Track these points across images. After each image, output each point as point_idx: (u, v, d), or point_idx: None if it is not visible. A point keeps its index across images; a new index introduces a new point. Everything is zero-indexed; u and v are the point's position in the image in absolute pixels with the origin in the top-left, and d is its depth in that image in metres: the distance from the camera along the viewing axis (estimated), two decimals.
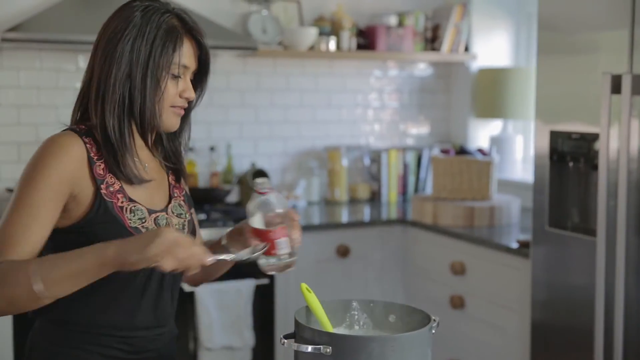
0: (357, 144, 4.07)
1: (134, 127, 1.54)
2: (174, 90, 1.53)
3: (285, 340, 1.36)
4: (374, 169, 4.04)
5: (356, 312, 1.53)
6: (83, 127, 1.53)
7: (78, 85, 3.55)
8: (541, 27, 2.58)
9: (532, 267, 2.67)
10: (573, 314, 2.52)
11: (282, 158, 3.93)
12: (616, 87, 2.25)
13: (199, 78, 1.61)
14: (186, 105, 1.58)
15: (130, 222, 1.51)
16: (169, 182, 1.65)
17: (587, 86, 2.40)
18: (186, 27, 1.54)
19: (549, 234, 2.58)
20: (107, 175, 1.51)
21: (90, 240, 1.43)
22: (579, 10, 2.45)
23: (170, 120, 1.56)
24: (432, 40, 4.06)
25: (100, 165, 1.51)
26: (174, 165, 1.66)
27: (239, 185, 3.74)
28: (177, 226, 1.60)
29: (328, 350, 1.30)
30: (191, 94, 1.56)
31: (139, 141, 1.56)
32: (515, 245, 2.88)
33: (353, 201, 3.98)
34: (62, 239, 1.48)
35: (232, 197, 3.71)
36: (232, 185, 3.71)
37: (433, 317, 1.45)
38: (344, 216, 3.66)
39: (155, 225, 1.55)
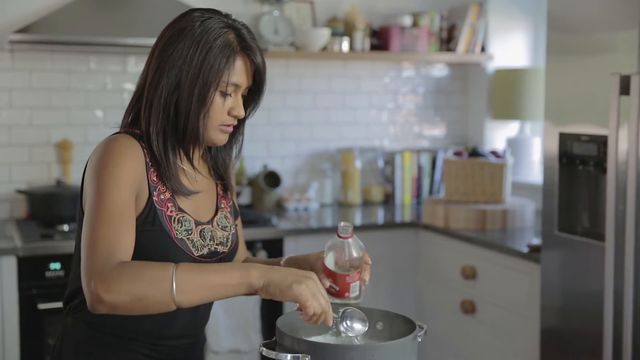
0: (371, 146, 4.03)
1: (177, 139, 1.51)
2: (222, 108, 1.50)
3: (264, 349, 1.33)
4: (387, 171, 4.00)
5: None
6: (138, 131, 1.51)
7: (90, 86, 3.58)
8: (550, 27, 2.52)
9: (541, 272, 2.61)
10: (583, 320, 2.45)
11: (295, 160, 3.90)
12: (625, 88, 2.19)
13: (254, 93, 1.58)
14: (235, 122, 1.54)
15: (177, 233, 1.49)
16: (217, 192, 1.63)
17: (597, 87, 2.34)
18: (243, 44, 1.50)
19: (558, 238, 2.52)
20: (160, 182, 1.50)
21: (139, 244, 1.42)
22: (589, 10, 2.39)
23: (217, 137, 1.52)
24: (447, 41, 4.01)
25: (153, 172, 1.49)
26: (221, 176, 1.64)
27: (250, 187, 3.72)
28: (221, 239, 1.58)
29: (307, 359, 1.27)
30: (240, 112, 1.52)
31: (183, 152, 1.55)
32: (525, 250, 2.82)
33: (366, 204, 3.94)
34: None
35: (244, 199, 3.69)
36: (242, 187, 3.69)
37: (420, 325, 1.41)
38: (357, 219, 3.62)
39: (201, 238, 1.53)
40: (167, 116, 1.48)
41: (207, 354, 3.08)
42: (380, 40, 3.85)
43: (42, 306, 2.83)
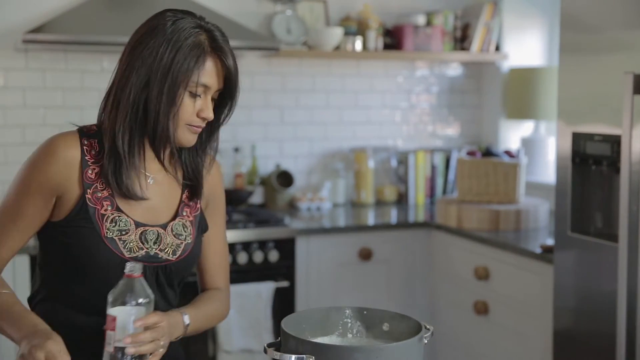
0: (384, 146, 4.02)
1: (145, 139, 1.49)
2: (192, 109, 1.47)
3: (269, 349, 1.32)
4: (401, 170, 3.98)
5: (349, 320, 1.49)
6: (94, 128, 1.51)
7: (103, 86, 3.59)
8: (564, 26, 2.50)
9: (554, 273, 2.59)
10: (596, 321, 2.43)
11: (308, 159, 3.89)
12: (639, 87, 2.16)
13: (226, 98, 1.55)
14: (203, 124, 1.51)
15: (107, 232, 1.48)
16: (181, 198, 1.59)
17: (610, 86, 2.32)
18: (214, 45, 1.48)
19: (571, 239, 2.49)
20: (98, 180, 1.49)
21: (69, 241, 1.43)
22: (602, 9, 2.36)
23: (185, 137, 1.50)
24: (461, 40, 3.98)
25: (94, 169, 1.49)
26: (191, 182, 1.59)
27: (263, 186, 3.72)
28: (170, 246, 1.54)
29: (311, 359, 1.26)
30: (209, 114, 1.49)
31: (149, 153, 1.52)
32: (538, 251, 2.80)
33: (379, 203, 3.92)
34: (49, 234, 1.50)
35: (256, 199, 3.69)
36: (255, 186, 3.69)
37: (426, 327, 1.40)
38: (370, 218, 3.61)
39: (140, 240, 1.50)
40: (136, 115, 1.46)
41: (218, 354, 3.08)
42: (393, 39, 3.83)
43: None
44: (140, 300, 1.34)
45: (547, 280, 2.71)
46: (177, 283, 1.61)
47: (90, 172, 1.48)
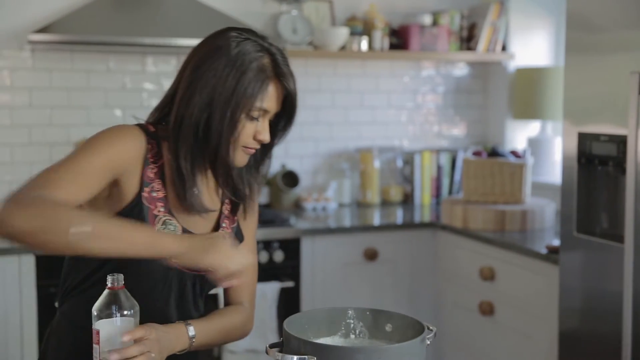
0: (390, 146, 4.01)
1: (207, 160, 1.51)
2: (250, 131, 1.49)
3: (270, 350, 1.32)
4: (406, 171, 3.98)
5: (352, 321, 1.49)
6: (154, 130, 1.52)
7: (109, 86, 3.60)
8: (569, 25, 2.49)
9: (560, 274, 2.58)
10: (601, 322, 2.42)
11: (313, 159, 3.89)
12: None
13: (283, 120, 1.56)
14: (258, 146, 1.53)
15: None
16: (221, 211, 1.61)
17: (616, 86, 2.30)
18: (277, 70, 1.49)
19: (577, 240, 2.48)
20: (155, 180, 1.50)
21: None
22: (608, 8, 2.35)
23: (239, 158, 1.52)
24: (468, 40, 3.97)
25: (153, 168, 1.49)
26: (240, 199, 1.60)
27: (268, 187, 3.72)
28: None
29: None
30: (266, 137, 1.51)
31: (208, 171, 1.54)
32: (544, 251, 2.79)
33: (385, 203, 3.92)
34: None
35: (261, 199, 3.69)
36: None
37: (429, 328, 1.39)
38: (375, 219, 3.60)
39: None
40: (196, 134, 1.47)
41: (223, 354, 3.08)
42: (399, 39, 3.82)
43: None
44: (126, 312, 1.34)
45: (553, 281, 2.70)
46: (207, 293, 1.63)
47: (149, 171, 1.49)
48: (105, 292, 1.34)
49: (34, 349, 2.85)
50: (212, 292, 1.69)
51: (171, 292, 1.54)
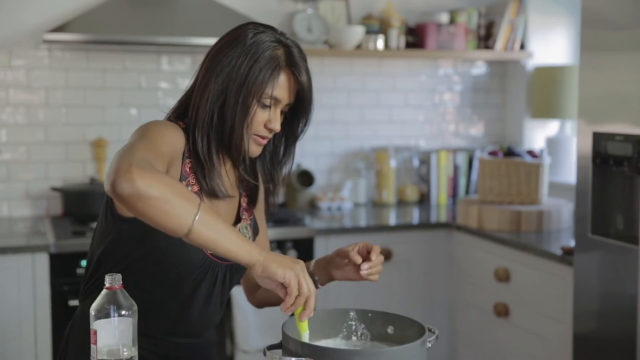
0: (406, 145, 3.98)
1: (223, 147, 1.54)
2: (261, 119, 1.52)
3: (268, 352, 1.31)
4: (423, 170, 3.95)
5: (354, 323, 1.47)
6: (182, 124, 1.55)
7: (124, 85, 3.60)
8: (585, 23, 2.45)
9: (575, 276, 2.54)
10: (616, 324, 2.38)
11: (329, 159, 3.88)
12: None
13: (299, 112, 1.58)
14: (269, 135, 1.55)
15: None
16: (240, 203, 1.64)
17: (632, 85, 2.27)
18: (290, 60, 1.52)
19: (592, 241, 2.45)
20: (191, 175, 1.53)
21: (152, 231, 1.38)
22: (623, 6, 2.31)
23: (252, 148, 1.54)
24: (485, 38, 3.93)
25: (188, 164, 1.52)
26: (266, 186, 1.64)
27: (283, 186, 3.70)
28: None
29: None
30: (276, 125, 1.53)
31: (227, 160, 1.57)
32: (559, 253, 2.75)
33: (401, 203, 3.89)
34: (133, 222, 1.45)
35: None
36: None
37: (431, 330, 1.37)
38: (391, 219, 3.58)
39: None
40: (211, 122, 1.50)
41: (236, 353, 3.08)
42: (416, 37, 3.79)
43: (73, 302, 2.86)
44: (124, 312, 1.32)
45: (568, 282, 2.66)
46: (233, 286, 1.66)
47: (186, 166, 1.52)
48: (104, 292, 1.33)
49: (47, 347, 2.86)
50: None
51: (203, 281, 1.56)
